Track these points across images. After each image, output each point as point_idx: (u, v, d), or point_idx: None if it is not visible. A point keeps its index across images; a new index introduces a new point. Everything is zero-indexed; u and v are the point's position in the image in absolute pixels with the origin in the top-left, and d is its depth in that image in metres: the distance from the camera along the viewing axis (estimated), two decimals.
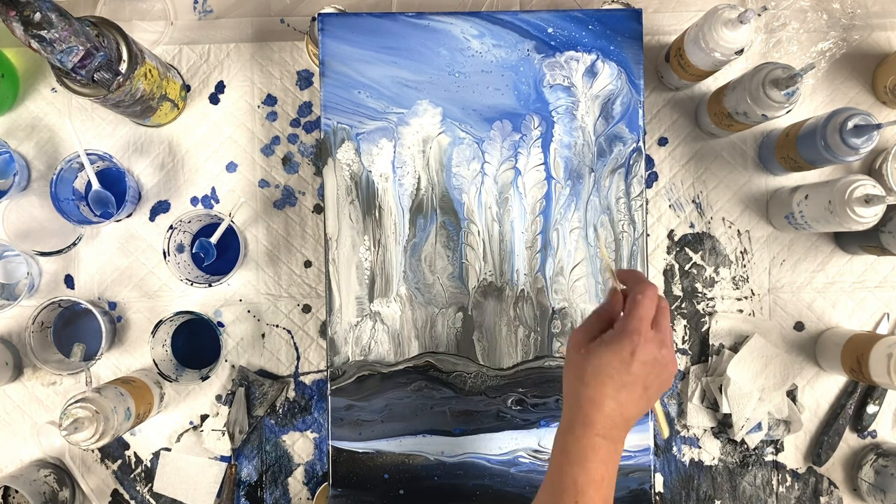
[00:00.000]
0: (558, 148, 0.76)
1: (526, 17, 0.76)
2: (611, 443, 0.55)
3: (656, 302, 0.56)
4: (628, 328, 0.54)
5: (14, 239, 0.82)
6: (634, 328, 0.54)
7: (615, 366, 0.54)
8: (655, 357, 0.54)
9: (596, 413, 0.54)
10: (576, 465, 0.54)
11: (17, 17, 0.58)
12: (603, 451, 0.55)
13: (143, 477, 0.83)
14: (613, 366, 0.54)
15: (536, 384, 0.75)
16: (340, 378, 0.75)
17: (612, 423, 0.55)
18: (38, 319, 0.79)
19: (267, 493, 0.83)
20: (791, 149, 0.76)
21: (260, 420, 0.83)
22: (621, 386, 0.54)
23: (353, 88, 0.75)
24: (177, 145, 0.84)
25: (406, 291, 0.75)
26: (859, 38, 0.85)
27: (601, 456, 0.54)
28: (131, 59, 0.69)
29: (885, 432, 0.84)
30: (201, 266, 0.83)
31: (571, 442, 0.55)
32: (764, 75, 0.70)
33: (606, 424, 0.54)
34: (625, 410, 0.55)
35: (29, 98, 0.85)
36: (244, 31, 0.85)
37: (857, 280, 0.84)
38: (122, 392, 0.75)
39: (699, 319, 0.84)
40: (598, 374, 0.54)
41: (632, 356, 0.54)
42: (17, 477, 0.78)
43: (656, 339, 0.55)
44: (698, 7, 0.85)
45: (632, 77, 0.76)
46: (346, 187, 0.76)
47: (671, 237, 0.84)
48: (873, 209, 0.70)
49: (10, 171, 0.81)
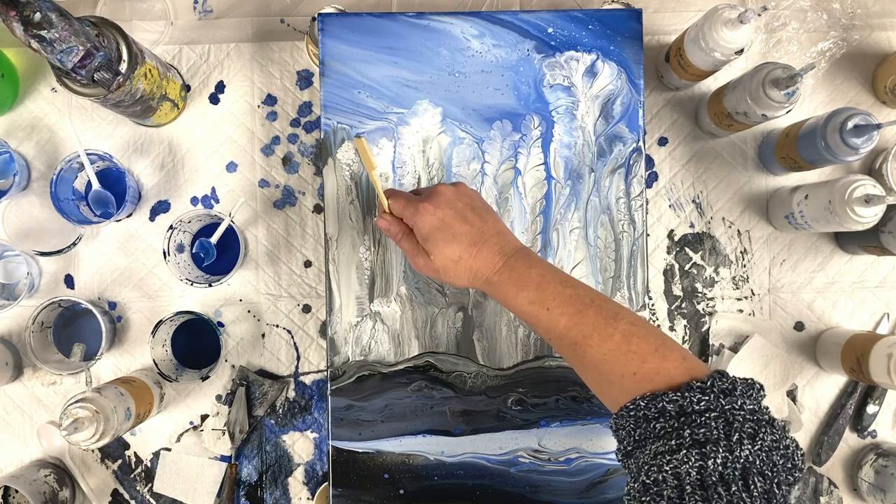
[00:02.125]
0: (558, 148, 0.76)
1: (526, 17, 0.76)
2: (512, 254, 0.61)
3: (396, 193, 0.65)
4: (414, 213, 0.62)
5: (14, 239, 0.82)
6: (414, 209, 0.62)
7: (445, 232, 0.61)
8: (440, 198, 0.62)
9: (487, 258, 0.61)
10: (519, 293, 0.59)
11: (17, 17, 0.58)
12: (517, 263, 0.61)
13: (143, 477, 0.83)
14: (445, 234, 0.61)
15: (536, 384, 0.75)
16: (340, 378, 0.75)
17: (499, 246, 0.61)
18: (38, 319, 0.79)
19: (267, 493, 0.83)
20: (791, 149, 0.76)
21: (260, 420, 0.83)
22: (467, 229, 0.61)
23: (353, 88, 0.75)
24: (177, 145, 0.84)
25: (406, 291, 0.75)
26: (859, 38, 0.85)
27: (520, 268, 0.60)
28: (131, 59, 0.69)
29: (885, 432, 0.84)
30: (201, 266, 0.83)
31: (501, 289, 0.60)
32: (764, 75, 0.70)
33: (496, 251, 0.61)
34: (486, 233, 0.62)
35: (29, 98, 0.85)
36: (244, 31, 0.85)
37: (857, 280, 0.84)
38: (122, 392, 0.75)
39: (699, 319, 0.84)
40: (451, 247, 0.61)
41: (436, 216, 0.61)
42: (17, 477, 0.78)
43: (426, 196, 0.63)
44: (698, 7, 0.85)
45: (632, 77, 0.76)
46: (346, 187, 0.75)
47: (671, 237, 0.84)
48: (873, 209, 0.70)
49: (10, 171, 0.81)
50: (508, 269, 0.60)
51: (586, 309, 0.57)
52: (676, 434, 0.48)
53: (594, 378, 0.57)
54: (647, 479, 0.48)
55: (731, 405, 0.48)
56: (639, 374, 0.53)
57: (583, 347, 0.56)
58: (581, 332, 0.56)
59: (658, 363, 0.53)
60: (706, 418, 0.48)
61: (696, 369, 0.52)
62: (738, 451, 0.46)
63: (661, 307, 0.83)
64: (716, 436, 0.47)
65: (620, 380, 0.54)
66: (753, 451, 0.46)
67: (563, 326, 0.57)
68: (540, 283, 0.59)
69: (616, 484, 0.75)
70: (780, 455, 0.48)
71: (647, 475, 0.48)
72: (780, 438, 0.48)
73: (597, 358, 0.55)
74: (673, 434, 0.48)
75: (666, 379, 0.51)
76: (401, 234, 0.65)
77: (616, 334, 0.55)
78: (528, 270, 0.60)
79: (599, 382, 0.57)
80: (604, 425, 0.75)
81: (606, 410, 0.75)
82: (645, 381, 0.52)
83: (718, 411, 0.48)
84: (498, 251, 0.61)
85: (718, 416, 0.48)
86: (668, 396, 0.49)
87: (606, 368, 0.55)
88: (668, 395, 0.49)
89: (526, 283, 0.59)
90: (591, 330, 0.56)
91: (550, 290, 0.58)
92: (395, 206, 0.64)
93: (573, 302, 0.57)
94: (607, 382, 0.55)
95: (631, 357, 0.54)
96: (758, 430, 0.47)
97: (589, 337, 0.56)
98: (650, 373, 0.52)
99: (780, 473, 0.47)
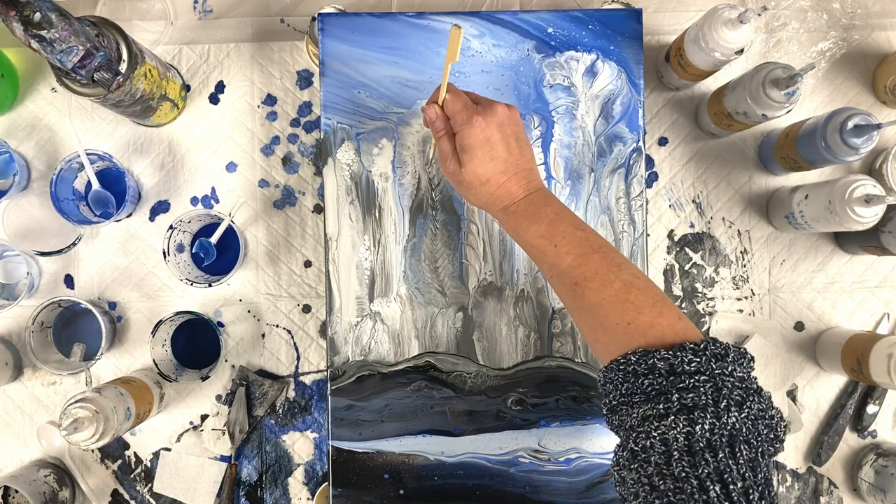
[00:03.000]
0: (558, 148, 0.76)
1: (526, 17, 0.76)
2: (536, 191, 0.62)
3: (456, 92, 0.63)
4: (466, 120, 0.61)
5: (14, 239, 0.82)
6: (468, 116, 0.61)
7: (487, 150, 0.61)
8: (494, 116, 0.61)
9: (512, 187, 0.62)
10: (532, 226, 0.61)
11: (17, 17, 0.58)
12: (537, 199, 0.62)
13: (143, 477, 0.83)
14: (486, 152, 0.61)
15: (536, 384, 0.75)
16: (340, 378, 0.75)
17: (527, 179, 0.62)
18: (38, 319, 0.79)
19: (267, 493, 0.83)
20: (791, 149, 0.76)
21: (260, 420, 0.83)
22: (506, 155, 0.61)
23: (353, 88, 0.75)
24: (177, 145, 0.84)
25: (406, 291, 0.75)
26: (859, 38, 0.85)
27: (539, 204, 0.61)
28: (131, 59, 0.69)
29: (885, 432, 0.84)
30: (201, 266, 0.83)
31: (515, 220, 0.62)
32: (764, 75, 0.70)
33: (523, 184, 0.62)
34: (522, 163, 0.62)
35: (29, 98, 0.85)
36: (244, 31, 0.85)
37: (857, 280, 0.84)
38: (122, 392, 0.75)
39: (699, 319, 0.84)
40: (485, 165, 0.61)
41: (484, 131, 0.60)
42: (17, 477, 0.78)
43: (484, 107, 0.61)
44: (698, 7, 0.85)
45: (632, 77, 0.76)
46: (346, 187, 0.75)
47: (671, 237, 0.84)
48: (873, 209, 0.70)
49: (10, 171, 0.81)
50: (527, 202, 0.62)
51: (593, 253, 0.58)
52: (665, 397, 0.48)
53: (589, 322, 0.57)
54: (635, 445, 0.49)
55: (721, 370, 0.49)
56: (633, 325, 0.53)
57: (582, 289, 0.56)
58: (583, 274, 0.57)
59: (653, 318, 0.53)
60: (696, 381, 0.48)
61: (689, 331, 0.52)
62: (725, 418, 0.46)
63: None
64: (704, 401, 0.47)
65: (615, 328, 0.54)
66: (740, 419, 0.47)
67: (567, 265, 0.58)
68: (553, 221, 0.60)
69: None
70: (765, 425, 0.48)
71: (635, 442, 0.49)
72: (766, 408, 0.49)
73: (594, 301, 0.55)
74: (661, 396, 0.49)
75: (659, 335, 0.52)
76: (444, 132, 0.64)
77: (617, 281, 0.55)
78: (544, 207, 0.61)
79: (594, 328, 0.57)
80: (604, 425, 0.75)
81: None
82: (638, 334, 0.52)
83: (708, 375, 0.48)
84: (524, 185, 0.62)
85: (708, 381, 0.48)
86: (659, 353, 0.50)
87: (602, 313, 0.55)
88: (660, 353, 0.50)
89: (539, 218, 0.60)
90: (592, 273, 0.56)
91: (562, 229, 0.59)
92: (451, 105, 0.62)
93: (581, 244, 0.58)
94: (601, 328, 0.55)
95: (627, 307, 0.54)
96: (745, 398, 0.48)
97: (590, 280, 0.56)
98: (644, 326, 0.53)
99: (764, 443, 0.48)
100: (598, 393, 0.75)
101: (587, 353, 0.76)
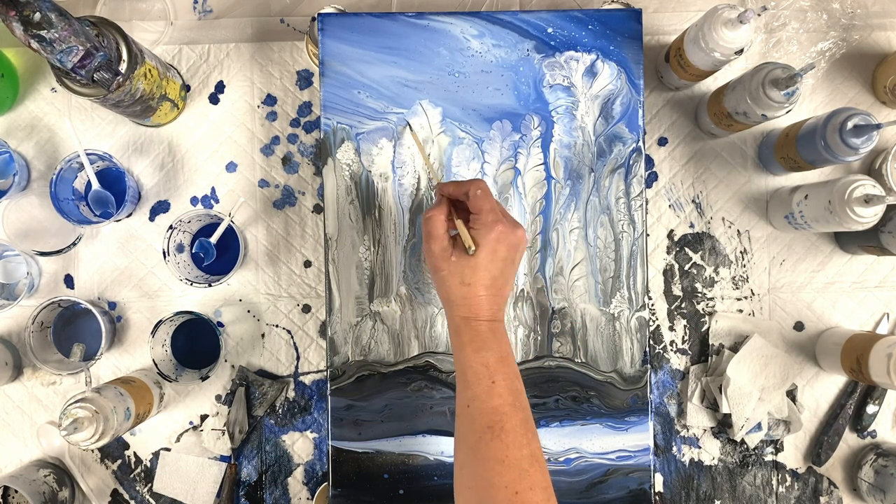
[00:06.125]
0: (558, 148, 0.76)
1: (526, 17, 0.76)
2: (500, 321, 0.61)
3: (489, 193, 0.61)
4: (488, 222, 0.59)
5: (14, 239, 0.82)
6: (493, 220, 0.59)
7: (489, 259, 0.59)
8: (513, 235, 0.60)
9: (485, 304, 0.60)
10: (482, 351, 0.59)
11: (17, 17, 0.58)
12: (499, 330, 0.60)
13: (142, 477, 0.83)
14: (488, 260, 0.59)
15: (536, 384, 0.75)
16: (340, 378, 0.75)
17: (498, 305, 0.61)
18: (37, 319, 0.79)
19: (267, 493, 0.83)
20: (791, 149, 0.76)
21: (260, 420, 0.83)
22: (498, 273, 0.60)
23: (353, 88, 0.75)
24: (177, 145, 0.84)
25: (406, 291, 0.75)
26: (859, 38, 0.85)
27: (499, 335, 0.60)
28: (131, 59, 0.69)
29: (885, 432, 0.84)
30: (201, 266, 0.83)
31: (470, 334, 0.59)
32: (764, 75, 0.70)
33: (494, 308, 0.60)
34: (503, 290, 0.61)
35: (29, 98, 0.85)
36: (244, 31, 0.85)
37: (857, 280, 0.84)
38: (121, 392, 0.75)
39: (699, 319, 0.84)
40: (477, 271, 0.59)
41: (498, 243, 0.59)
42: (17, 477, 0.78)
43: (508, 221, 0.60)
44: (698, 7, 0.85)
45: (632, 77, 0.76)
46: (345, 187, 0.75)
47: (671, 237, 0.84)
48: (873, 209, 0.70)
49: (10, 171, 0.81)
50: (489, 326, 0.60)
51: (520, 410, 0.57)
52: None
53: (475, 473, 0.56)
54: None
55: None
56: (520, 497, 0.53)
57: (493, 436, 0.55)
58: (502, 423, 0.56)
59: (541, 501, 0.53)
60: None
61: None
62: None
63: (660, 307, 0.83)
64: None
65: (502, 489, 0.53)
66: None
67: (492, 407, 0.57)
68: (503, 359, 0.59)
69: (616, 484, 0.75)
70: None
71: None
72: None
73: (497, 456, 0.55)
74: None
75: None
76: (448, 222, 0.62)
77: (526, 448, 0.55)
78: (499, 341, 0.60)
79: (476, 481, 0.55)
80: (604, 425, 0.75)
81: (606, 410, 0.75)
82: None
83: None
84: (495, 310, 0.60)
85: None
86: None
87: (498, 470, 0.54)
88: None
89: (491, 348, 0.59)
90: (511, 427, 0.56)
91: (505, 371, 0.58)
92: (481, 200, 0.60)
93: (515, 395, 0.58)
94: (486, 484, 0.54)
95: (524, 477, 0.54)
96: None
97: (507, 432, 0.56)
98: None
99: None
100: (597, 393, 0.75)
101: (587, 354, 0.76)
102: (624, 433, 0.75)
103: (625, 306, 0.76)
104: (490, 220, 0.59)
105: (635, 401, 0.75)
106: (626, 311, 0.76)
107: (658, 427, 0.83)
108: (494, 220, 0.59)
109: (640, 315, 0.76)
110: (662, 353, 0.83)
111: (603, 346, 0.76)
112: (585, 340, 0.76)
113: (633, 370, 0.76)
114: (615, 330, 0.76)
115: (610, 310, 0.76)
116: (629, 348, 0.76)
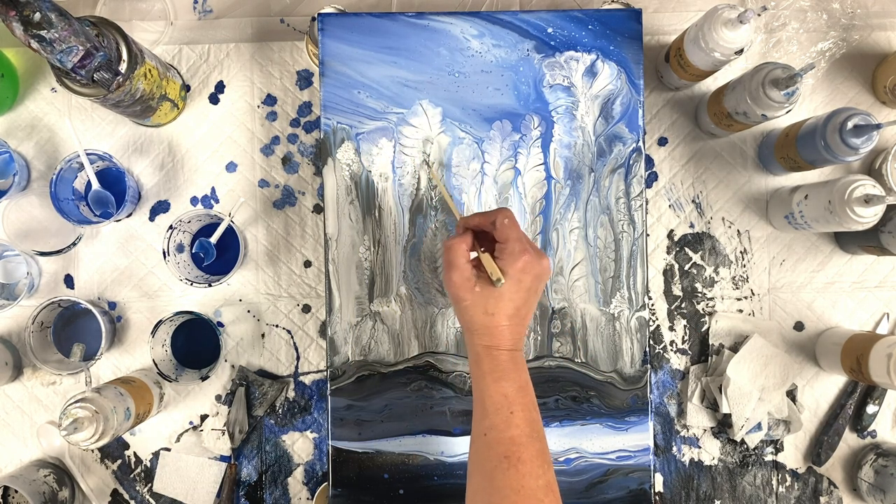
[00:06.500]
0: (558, 148, 0.76)
1: (526, 17, 0.76)
2: (520, 350, 0.61)
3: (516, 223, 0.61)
4: (515, 252, 0.59)
5: (14, 239, 0.82)
6: (520, 250, 0.59)
7: (514, 289, 0.59)
8: (539, 266, 0.60)
9: (507, 333, 0.60)
10: (502, 381, 0.59)
11: (17, 17, 0.58)
12: (519, 359, 0.60)
13: (142, 477, 0.83)
14: (513, 290, 0.59)
15: (536, 384, 0.74)
16: (340, 378, 0.75)
17: (520, 334, 0.61)
18: (37, 319, 0.79)
19: (267, 493, 0.83)
20: (791, 149, 0.76)
21: (260, 420, 0.83)
22: (522, 303, 0.60)
23: (353, 88, 0.75)
24: (177, 145, 0.84)
25: (406, 291, 0.75)
26: (859, 38, 0.85)
27: (519, 365, 0.60)
28: (131, 59, 0.69)
29: (885, 432, 0.84)
30: (201, 266, 0.83)
31: (491, 363, 0.59)
32: (764, 75, 0.70)
33: (515, 338, 0.60)
34: (525, 320, 0.61)
35: (29, 98, 0.85)
36: (244, 31, 0.85)
37: (857, 280, 0.84)
38: (121, 392, 0.75)
39: (699, 319, 0.84)
40: (501, 301, 0.59)
41: (524, 273, 0.59)
42: (17, 477, 0.78)
43: (534, 251, 0.60)
44: (698, 7, 0.85)
45: (632, 77, 0.76)
46: (345, 187, 0.75)
47: (671, 237, 0.84)
48: (873, 209, 0.70)
49: (10, 171, 0.81)
50: (510, 356, 0.59)
51: (537, 441, 0.58)
52: None
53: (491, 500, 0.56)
54: None
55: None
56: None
57: (510, 465, 0.56)
58: (518, 454, 0.56)
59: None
60: None
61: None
62: None
63: (660, 307, 0.83)
64: None
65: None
66: None
67: (510, 437, 0.57)
68: (522, 388, 0.59)
69: (616, 484, 0.75)
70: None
71: None
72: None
73: (514, 485, 0.55)
74: None
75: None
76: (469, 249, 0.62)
77: (542, 478, 0.56)
78: (520, 371, 0.60)
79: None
80: (604, 425, 0.75)
81: (606, 410, 0.75)
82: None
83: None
84: (516, 339, 0.60)
85: None
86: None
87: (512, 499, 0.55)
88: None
89: (511, 378, 0.59)
90: (528, 458, 0.56)
91: (524, 401, 0.59)
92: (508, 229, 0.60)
93: (533, 425, 0.58)
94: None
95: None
96: None
97: (523, 463, 0.56)
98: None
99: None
100: (597, 393, 0.75)
101: (587, 354, 0.76)
102: (624, 433, 0.75)
103: (625, 306, 0.76)
104: (517, 250, 0.59)
105: (635, 401, 0.75)
106: (626, 311, 0.76)
107: (658, 427, 0.83)
108: (521, 249, 0.59)
109: (640, 315, 0.76)
110: (662, 353, 0.83)
111: (603, 346, 0.76)
112: (585, 340, 0.76)
113: (633, 370, 0.76)
114: (615, 330, 0.76)
115: (610, 310, 0.76)
116: (629, 348, 0.76)
